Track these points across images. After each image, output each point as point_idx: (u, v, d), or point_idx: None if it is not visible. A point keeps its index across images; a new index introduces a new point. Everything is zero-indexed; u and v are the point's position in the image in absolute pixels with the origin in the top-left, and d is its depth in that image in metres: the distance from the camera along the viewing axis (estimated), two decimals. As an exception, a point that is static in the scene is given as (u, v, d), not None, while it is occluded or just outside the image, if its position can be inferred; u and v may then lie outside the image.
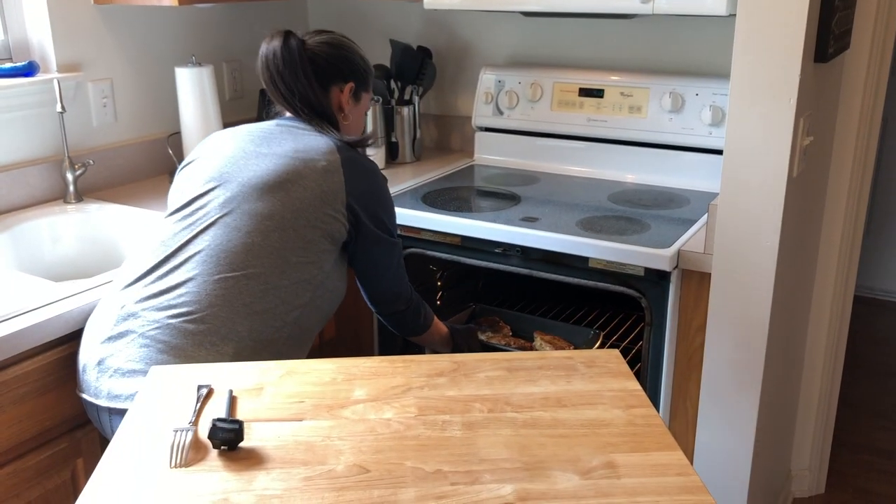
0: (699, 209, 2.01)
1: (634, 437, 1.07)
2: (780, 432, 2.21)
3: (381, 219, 1.58)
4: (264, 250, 1.43)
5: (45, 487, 1.50)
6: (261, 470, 0.99)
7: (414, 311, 1.71)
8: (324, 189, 1.48)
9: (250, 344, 1.40)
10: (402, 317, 1.70)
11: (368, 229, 1.55)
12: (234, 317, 1.39)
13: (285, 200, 1.46)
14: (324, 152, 1.51)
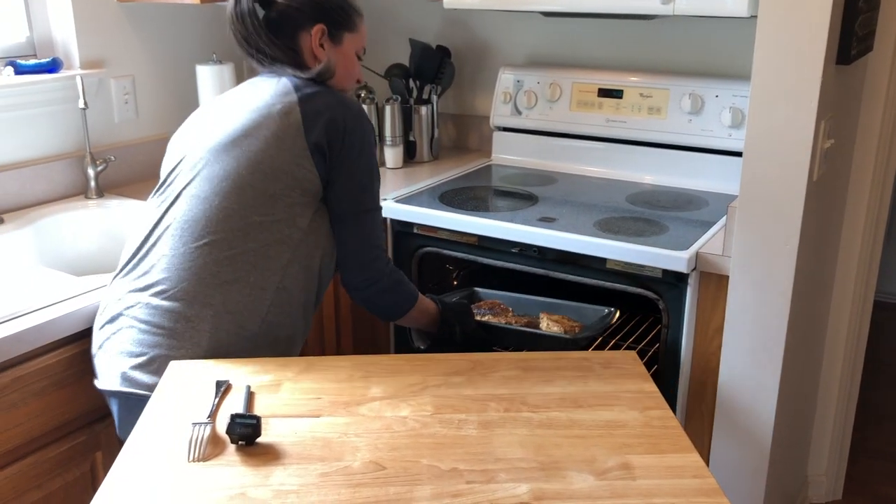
0: (718, 211, 2.00)
1: (650, 438, 1.06)
2: (798, 437, 2.20)
3: (351, 162, 1.41)
4: (222, 213, 1.35)
5: (64, 479, 1.52)
6: (278, 465, 1.00)
7: (386, 290, 1.50)
8: (279, 135, 1.37)
9: (228, 316, 1.34)
10: (371, 296, 1.49)
11: (337, 173, 1.41)
12: (204, 289, 1.34)
13: (240, 157, 1.37)
14: (280, 94, 1.41)
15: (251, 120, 1.40)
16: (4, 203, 1.98)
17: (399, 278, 1.53)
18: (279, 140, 1.37)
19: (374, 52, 2.72)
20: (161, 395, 1.17)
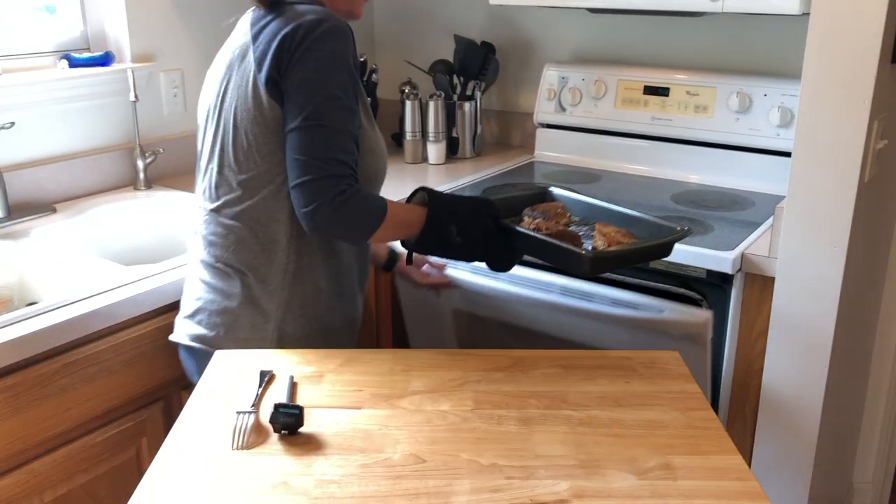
0: (764, 212, 1.97)
1: (693, 439, 1.06)
2: (843, 443, 2.16)
3: (300, 75, 1.28)
4: (219, 179, 1.38)
5: (111, 464, 1.55)
6: (319, 455, 1.01)
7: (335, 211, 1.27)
8: (241, 69, 1.34)
9: (252, 273, 1.38)
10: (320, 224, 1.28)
11: (286, 87, 1.29)
12: (226, 253, 1.39)
13: (220, 110, 1.38)
14: (239, 36, 1.39)
15: (221, 77, 1.39)
16: (56, 193, 2.03)
17: (349, 197, 1.28)
18: (242, 74, 1.33)
19: (418, 48, 2.73)
20: (206, 384, 1.19)
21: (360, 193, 1.30)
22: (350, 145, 1.31)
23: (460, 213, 1.37)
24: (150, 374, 1.59)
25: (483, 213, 1.39)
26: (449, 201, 1.39)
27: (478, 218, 1.38)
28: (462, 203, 1.40)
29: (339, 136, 1.29)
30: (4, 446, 1.38)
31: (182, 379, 1.65)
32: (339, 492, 0.94)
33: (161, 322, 1.59)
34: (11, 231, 1.84)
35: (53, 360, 1.42)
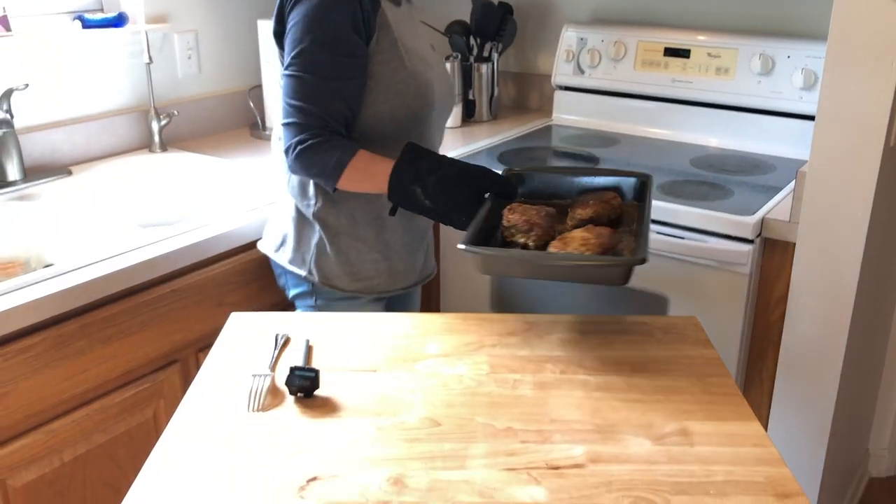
0: (785, 176, 1.94)
1: (710, 405, 1.05)
2: (860, 410, 2.15)
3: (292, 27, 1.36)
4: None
5: (128, 425, 1.57)
6: (335, 417, 1.01)
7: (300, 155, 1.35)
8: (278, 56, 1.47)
9: (287, 207, 1.54)
10: (291, 164, 1.37)
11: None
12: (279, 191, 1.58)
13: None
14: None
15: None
16: (72, 156, 2.02)
17: (310, 145, 1.33)
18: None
19: (434, 9, 2.68)
20: (221, 346, 1.19)
21: (323, 143, 1.34)
22: (325, 97, 1.34)
23: (426, 177, 1.29)
24: (167, 336, 1.60)
25: (464, 181, 1.29)
26: (418, 163, 1.31)
27: (446, 184, 1.28)
28: (435, 167, 1.30)
29: (314, 86, 1.34)
30: (23, 407, 1.39)
31: (199, 341, 1.66)
32: (355, 454, 0.94)
33: (177, 284, 1.60)
34: (27, 193, 1.84)
35: (70, 322, 1.43)
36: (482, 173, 1.32)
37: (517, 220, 1.23)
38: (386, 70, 1.40)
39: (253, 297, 1.76)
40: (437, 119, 1.53)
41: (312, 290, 1.53)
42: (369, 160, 1.35)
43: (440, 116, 1.55)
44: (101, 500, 1.55)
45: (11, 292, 1.37)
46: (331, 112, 1.35)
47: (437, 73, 1.51)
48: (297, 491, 0.88)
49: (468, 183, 1.29)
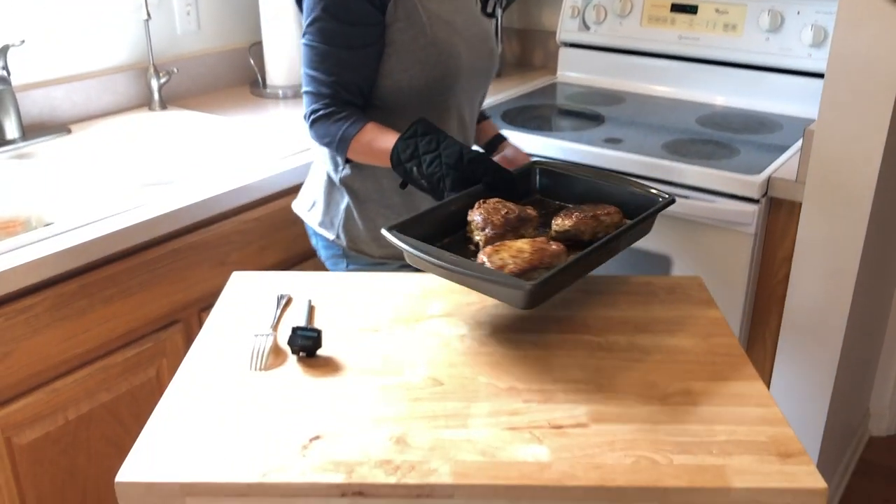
0: (792, 135, 1.92)
1: (713, 365, 1.04)
2: (862, 370, 2.15)
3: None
4: None
5: (131, 384, 1.57)
6: (338, 377, 1.01)
7: (312, 127, 1.38)
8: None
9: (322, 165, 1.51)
10: (309, 131, 1.40)
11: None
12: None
13: None
14: None
15: None
16: (71, 114, 2.00)
17: (319, 117, 1.36)
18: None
19: (437, -36, 2.63)
20: (223, 305, 1.19)
21: (333, 114, 1.35)
22: (336, 66, 1.34)
23: (422, 156, 1.26)
24: (168, 296, 1.59)
25: (457, 166, 1.23)
26: (419, 140, 1.27)
27: (440, 166, 1.24)
28: (432, 148, 1.26)
29: (325, 55, 1.34)
30: (26, 366, 1.39)
31: (200, 300, 1.65)
32: (357, 413, 0.94)
33: (177, 244, 1.59)
34: (27, 152, 1.83)
35: (70, 282, 1.43)
36: (478, 160, 1.25)
37: (475, 215, 1.17)
38: (405, 37, 1.35)
39: (254, 256, 1.75)
40: (466, 88, 1.46)
41: (343, 254, 1.53)
42: (375, 135, 1.33)
43: (470, 85, 1.47)
44: (104, 457, 1.56)
45: (11, 251, 1.37)
46: (342, 82, 1.35)
47: (467, 37, 1.43)
48: (300, 449, 0.88)
49: (461, 168, 1.23)
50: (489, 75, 1.54)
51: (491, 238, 1.13)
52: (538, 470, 0.85)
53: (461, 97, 1.46)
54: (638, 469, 0.85)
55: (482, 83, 1.53)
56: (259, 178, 1.70)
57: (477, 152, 1.27)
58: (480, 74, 1.50)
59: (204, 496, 0.84)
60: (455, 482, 0.84)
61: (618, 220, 1.20)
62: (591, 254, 1.08)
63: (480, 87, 1.53)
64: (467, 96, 1.49)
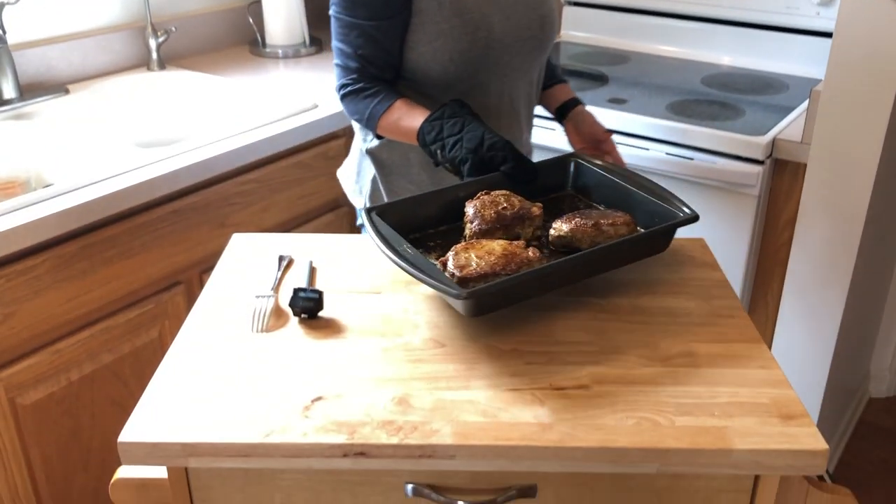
0: (798, 96, 1.89)
1: (716, 327, 1.04)
2: (863, 331, 2.15)
3: None
4: None
5: (134, 345, 1.58)
6: (340, 338, 1.01)
7: (342, 101, 1.37)
8: None
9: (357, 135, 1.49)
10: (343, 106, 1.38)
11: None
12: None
13: None
14: None
15: None
16: (68, 74, 1.98)
17: (347, 92, 1.35)
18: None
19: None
20: (224, 267, 1.18)
21: (361, 90, 1.33)
22: (358, 39, 1.30)
23: (446, 139, 1.22)
24: (169, 258, 1.59)
25: (477, 151, 1.18)
26: (444, 122, 1.23)
27: (461, 150, 1.20)
28: (456, 131, 1.21)
29: (349, 27, 1.30)
30: (28, 327, 1.39)
31: (201, 262, 1.65)
32: (359, 374, 0.94)
33: (178, 205, 1.58)
34: (25, 112, 1.81)
35: (71, 243, 1.42)
36: (498, 146, 1.18)
37: (469, 207, 1.12)
38: (430, 6, 1.28)
39: (255, 218, 1.75)
40: (507, 62, 1.35)
41: None
42: (403, 114, 1.29)
43: (513, 59, 1.36)
44: (108, 417, 1.57)
45: (11, 212, 1.36)
46: (367, 55, 1.31)
47: (506, 5, 1.32)
48: (301, 410, 0.88)
49: (479, 154, 1.18)
50: (541, 47, 1.40)
51: (477, 233, 1.09)
52: (540, 431, 0.85)
53: (502, 73, 1.36)
54: (639, 430, 0.86)
55: (531, 57, 1.39)
56: (259, 139, 1.68)
57: (499, 138, 1.20)
58: (526, 47, 1.37)
59: (206, 456, 0.84)
60: (457, 443, 0.84)
61: (624, 233, 1.09)
62: (556, 268, 1.00)
63: (530, 61, 1.39)
64: (511, 72, 1.37)
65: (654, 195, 1.15)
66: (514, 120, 1.43)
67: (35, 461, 1.47)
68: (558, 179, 1.26)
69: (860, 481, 2.13)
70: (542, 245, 1.12)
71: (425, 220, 1.15)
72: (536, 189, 1.20)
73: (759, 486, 0.89)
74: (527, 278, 0.98)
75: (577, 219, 1.10)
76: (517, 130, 1.44)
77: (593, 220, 1.09)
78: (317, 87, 2.03)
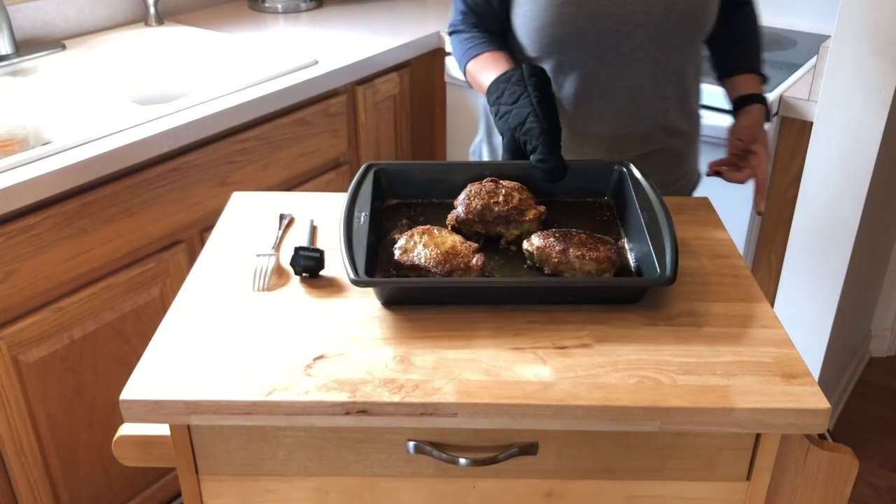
0: (805, 52, 1.86)
1: (720, 286, 1.03)
2: (866, 290, 2.15)
3: None
4: None
5: (136, 303, 1.58)
6: (341, 297, 1.00)
7: (452, 44, 1.36)
8: None
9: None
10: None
11: None
12: None
13: None
14: None
15: None
16: (64, 29, 1.95)
17: (450, 36, 1.35)
18: None
19: None
20: (224, 225, 1.17)
21: (460, 34, 1.31)
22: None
23: (500, 106, 1.15)
24: (169, 217, 1.58)
25: (514, 128, 1.12)
26: (505, 87, 1.15)
27: (505, 122, 1.14)
28: (510, 100, 1.13)
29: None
30: (30, 285, 1.39)
31: (202, 220, 1.64)
32: (361, 333, 0.94)
33: (177, 163, 1.57)
34: (21, 68, 1.79)
35: (71, 201, 1.41)
36: (533, 134, 1.10)
37: (464, 192, 1.09)
38: None
39: (255, 176, 1.73)
40: (605, 45, 1.21)
41: None
42: (483, 66, 1.24)
43: (617, 44, 1.21)
44: (111, 375, 1.58)
45: (11, 170, 1.35)
46: (471, 2, 1.29)
47: None
48: (304, 368, 0.88)
49: (516, 136, 1.12)
50: (665, 38, 1.22)
51: (455, 219, 1.07)
52: (542, 389, 0.85)
53: (603, 58, 1.23)
54: (641, 389, 0.86)
55: (653, 47, 1.22)
56: (259, 96, 1.66)
57: (537, 125, 1.10)
58: (640, 35, 1.21)
59: (208, 414, 0.85)
60: (458, 401, 0.84)
61: (590, 270, 0.99)
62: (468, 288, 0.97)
63: (651, 51, 1.23)
64: (620, 59, 1.23)
65: (654, 241, 1.01)
66: (636, 115, 1.29)
67: (39, 418, 1.48)
68: (599, 184, 1.17)
69: (859, 439, 2.15)
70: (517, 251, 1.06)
71: (441, 188, 1.12)
72: (576, 189, 1.15)
73: (760, 445, 0.89)
74: (430, 286, 0.98)
75: (551, 239, 1.02)
76: (639, 125, 1.29)
77: (564, 246, 1.01)
78: (317, 42, 2.00)
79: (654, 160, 1.32)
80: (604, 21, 1.19)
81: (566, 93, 1.26)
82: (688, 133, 1.38)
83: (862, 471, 1.98)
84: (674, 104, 1.31)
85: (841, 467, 0.95)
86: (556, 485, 0.93)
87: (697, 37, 1.27)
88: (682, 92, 1.31)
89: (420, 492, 0.93)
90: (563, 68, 1.25)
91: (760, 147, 1.29)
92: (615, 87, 1.25)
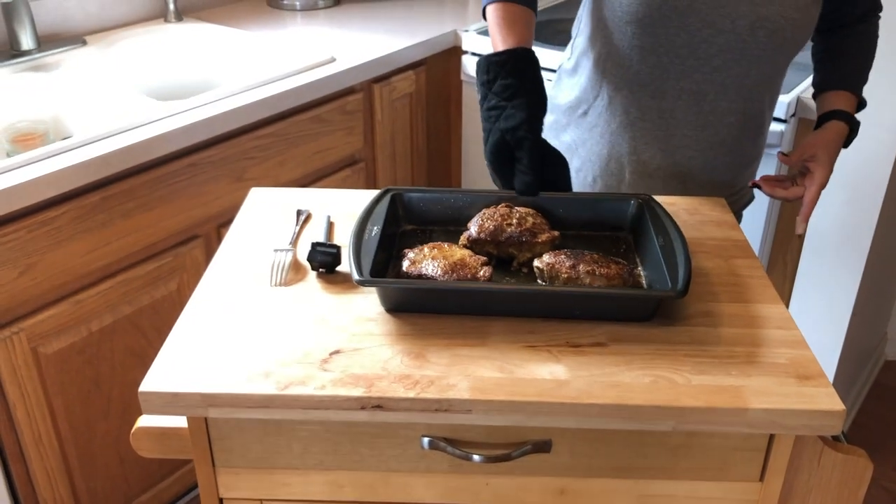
0: (825, 53, 1.85)
1: (735, 287, 1.03)
2: (882, 293, 2.14)
3: None
4: None
5: (153, 297, 1.59)
6: (357, 293, 1.01)
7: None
8: None
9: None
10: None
11: None
12: None
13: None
14: None
15: None
16: (85, 25, 1.97)
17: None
18: None
19: None
20: (242, 221, 1.18)
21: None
22: None
23: (490, 98, 1.05)
24: (187, 211, 1.60)
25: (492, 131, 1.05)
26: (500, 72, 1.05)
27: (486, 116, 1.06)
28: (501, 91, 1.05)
29: None
30: (49, 278, 1.41)
31: (219, 216, 1.65)
32: (376, 329, 0.94)
33: (195, 159, 1.58)
34: (43, 63, 1.80)
35: (90, 195, 1.43)
36: (525, 147, 1.03)
37: (478, 214, 1.08)
38: None
39: (272, 172, 1.75)
40: (683, 41, 1.16)
41: None
42: (499, 18, 1.11)
43: (697, 45, 1.16)
44: (128, 368, 1.59)
45: (32, 164, 1.37)
46: None
47: None
48: (320, 363, 0.89)
49: (505, 140, 1.04)
50: (744, 52, 1.16)
51: (468, 238, 1.06)
52: (556, 387, 0.86)
53: (679, 57, 1.18)
54: (655, 388, 0.86)
55: (730, 58, 1.17)
56: (276, 93, 1.67)
57: (531, 137, 1.02)
58: (722, 43, 1.16)
59: (226, 407, 0.86)
60: (473, 397, 0.84)
61: (604, 285, 0.98)
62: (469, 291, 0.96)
63: (730, 63, 1.17)
64: (695, 62, 1.17)
65: (667, 261, 0.99)
66: (698, 121, 1.23)
67: (58, 409, 1.50)
68: (617, 218, 1.14)
69: (874, 442, 2.14)
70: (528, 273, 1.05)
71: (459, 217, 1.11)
72: (593, 222, 1.12)
73: (773, 445, 0.89)
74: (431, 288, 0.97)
75: (562, 256, 1.01)
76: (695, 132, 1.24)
77: (574, 262, 1.00)
78: (334, 40, 2.01)
79: (707, 171, 1.28)
80: (689, 16, 1.14)
81: (630, 73, 1.21)
82: (749, 154, 1.32)
83: (876, 474, 1.97)
84: (739, 120, 1.24)
85: (855, 470, 0.95)
86: (569, 482, 0.93)
87: (781, 59, 1.21)
88: (752, 109, 1.25)
89: (434, 487, 0.94)
90: (636, 50, 1.19)
91: (819, 168, 1.22)
92: (678, 88, 1.21)
